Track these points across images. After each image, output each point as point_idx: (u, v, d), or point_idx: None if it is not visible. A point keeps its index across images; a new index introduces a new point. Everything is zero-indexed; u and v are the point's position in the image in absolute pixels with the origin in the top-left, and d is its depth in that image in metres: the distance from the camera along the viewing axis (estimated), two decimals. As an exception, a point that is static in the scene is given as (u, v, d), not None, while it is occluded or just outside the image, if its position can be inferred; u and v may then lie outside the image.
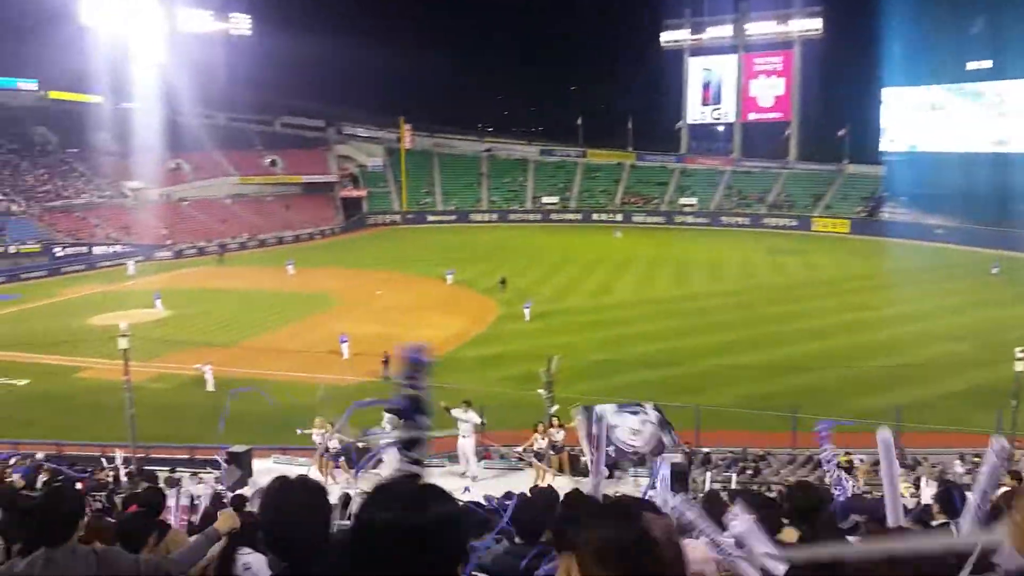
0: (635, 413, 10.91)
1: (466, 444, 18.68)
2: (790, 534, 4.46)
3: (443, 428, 16.98)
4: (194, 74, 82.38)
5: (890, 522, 3.76)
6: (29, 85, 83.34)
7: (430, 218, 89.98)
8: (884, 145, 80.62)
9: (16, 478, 13.41)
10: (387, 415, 18.14)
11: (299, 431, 21.17)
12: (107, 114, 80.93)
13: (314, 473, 19.41)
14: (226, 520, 5.13)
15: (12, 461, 18.48)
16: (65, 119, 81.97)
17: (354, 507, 10.44)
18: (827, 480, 9.52)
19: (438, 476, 18.02)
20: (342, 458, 19.58)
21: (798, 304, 43.10)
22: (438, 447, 21.74)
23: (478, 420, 19.14)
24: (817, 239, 73.42)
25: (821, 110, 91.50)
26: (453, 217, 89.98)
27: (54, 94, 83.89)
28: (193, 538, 4.90)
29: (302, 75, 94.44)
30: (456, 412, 18.51)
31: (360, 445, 19.47)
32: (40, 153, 78.29)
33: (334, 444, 19.51)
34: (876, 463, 19.48)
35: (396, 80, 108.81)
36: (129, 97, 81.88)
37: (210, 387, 29.95)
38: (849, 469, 19.65)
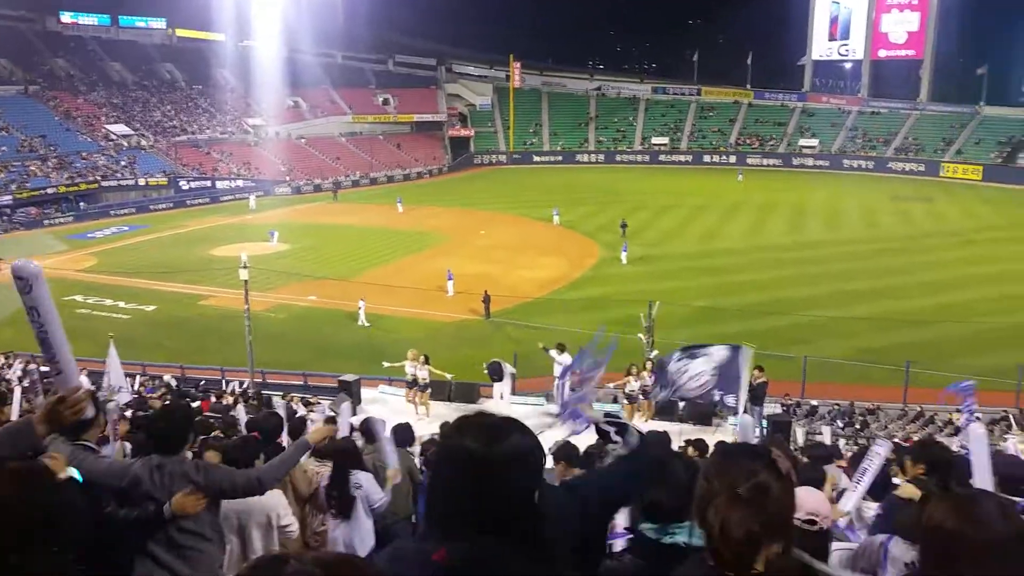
0: (695, 357, 10.90)
1: (561, 384, 19.00)
2: (909, 490, 4.28)
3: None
4: (311, 12, 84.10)
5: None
6: (158, 23, 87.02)
7: (536, 159, 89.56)
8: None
9: (154, 400, 14.50)
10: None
11: (385, 364, 21.97)
12: (229, 52, 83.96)
13: (403, 403, 20.28)
14: (319, 432, 5.47)
15: (139, 382, 19.95)
16: (191, 57, 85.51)
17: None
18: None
19: (528, 416, 18.36)
20: (428, 389, 20.34)
21: (920, 255, 40.88)
22: (536, 386, 22.12)
23: (567, 362, 19.41)
24: (945, 186, 68.98)
25: (957, 47, 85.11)
26: (559, 158, 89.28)
27: (181, 32, 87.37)
28: (285, 450, 5.22)
29: (414, 13, 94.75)
30: (552, 353, 19.04)
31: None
32: (167, 89, 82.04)
33: (424, 375, 20.21)
34: (992, 422, 18.60)
35: (506, 17, 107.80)
36: (250, 35, 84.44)
37: (362, 321, 30.72)
38: (958, 430, 18.84)
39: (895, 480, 4.70)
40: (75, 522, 3.60)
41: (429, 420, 18.47)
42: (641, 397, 18.84)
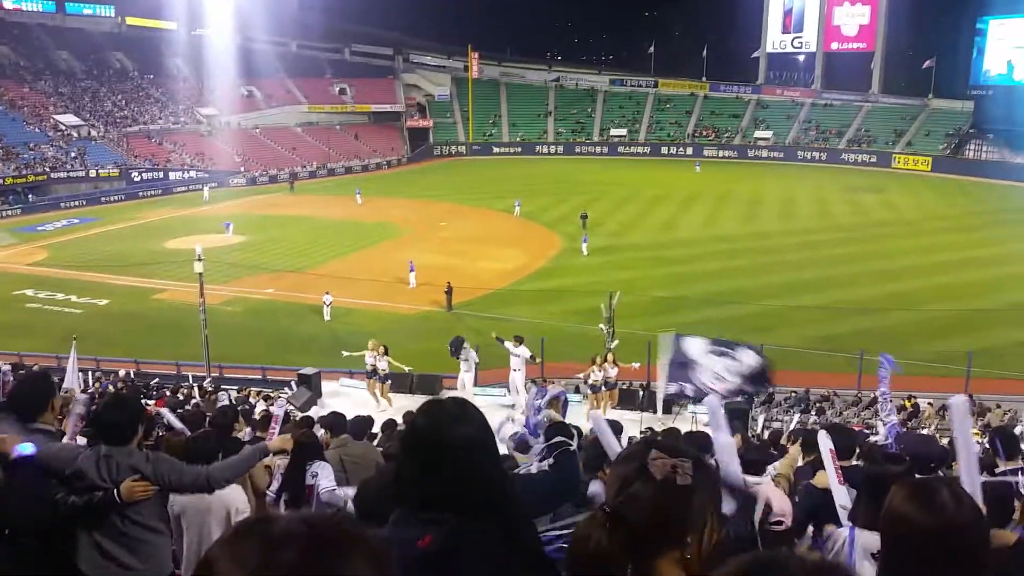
0: (723, 355, 9.94)
1: (516, 377, 19.20)
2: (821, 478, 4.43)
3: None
4: (265, 0, 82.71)
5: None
6: (106, 11, 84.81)
7: (495, 150, 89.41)
8: (975, 78, 76.21)
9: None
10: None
11: (345, 353, 21.84)
12: (181, 41, 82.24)
13: (366, 395, 20.19)
14: (281, 442, 5.41)
15: (92, 379, 19.55)
16: (141, 45, 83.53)
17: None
18: (881, 415, 9.36)
19: (488, 407, 18.41)
20: (388, 381, 20.28)
21: (872, 244, 41.80)
22: (493, 378, 22.15)
23: (528, 354, 19.57)
24: (897, 177, 70.56)
25: (907, 41, 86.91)
26: (518, 149, 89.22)
27: (131, 20, 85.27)
28: (243, 450, 5.20)
29: (371, 2, 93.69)
30: (508, 345, 19.12)
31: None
32: (118, 79, 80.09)
33: (383, 366, 20.15)
34: (943, 408, 19.09)
35: (464, 7, 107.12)
36: (202, 23, 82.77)
37: (327, 317, 30.00)
38: (915, 413, 19.34)
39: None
40: (25, 501, 3.53)
41: (392, 412, 18.37)
42: (603, 388, 19.02)
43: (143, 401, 11.47)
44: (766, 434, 16.27)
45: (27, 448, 4.03)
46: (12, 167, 59.48)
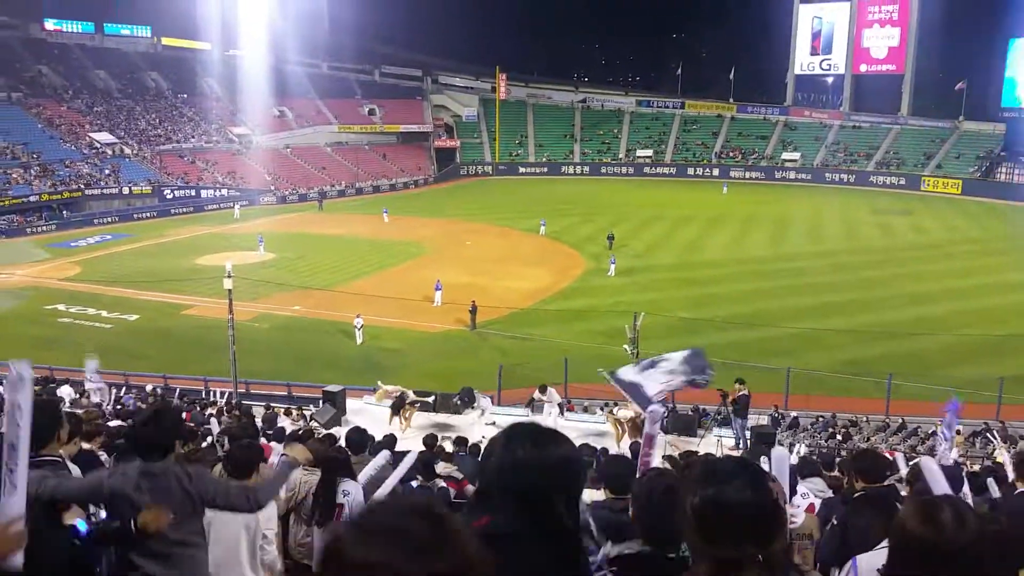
0: (654, 365, 10.75)
1: (551, 411, 19.05)
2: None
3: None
4: (297, 22, 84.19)
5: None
6: (143, 32, 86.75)
7: (521, 170, 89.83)
8: (1008, 100, 75.37)
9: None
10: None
11: (379, 384, 21.90)
12: (215, 61, 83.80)
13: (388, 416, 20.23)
14: (299, 451, 5.47)
15: (123, 391, 19.84)
16: (176, 65, 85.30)
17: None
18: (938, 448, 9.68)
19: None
20: (417, 404, 20.27)
21: (901, 268, 41.34)
22: (524, 397, 22.15)
23: (558, 400, 19.56)
24: (926, 199, 69.79)
25: (937, 63, 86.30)
26: (544, 169, 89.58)
27: (167, 40, 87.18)
28: (274, 469, 5.19)
29: (400, 24, 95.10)
30: (537, 395, 19.04)
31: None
32: (152, 98, 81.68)
33: (410, 395, 20.15)
34: (973, 434, 18.81)
35: (492, 29, 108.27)
36: (236, 44, 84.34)
37: (359, 340, 29.64)
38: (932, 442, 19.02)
39: None
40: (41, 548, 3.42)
41: (412, 432, 18.44)
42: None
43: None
44: (795, 459, 16.07)
45: (81, 525, 3.94)
46: (48, 183, 60.76)
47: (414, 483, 8.25)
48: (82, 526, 3.96)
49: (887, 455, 10.42)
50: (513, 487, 2.07)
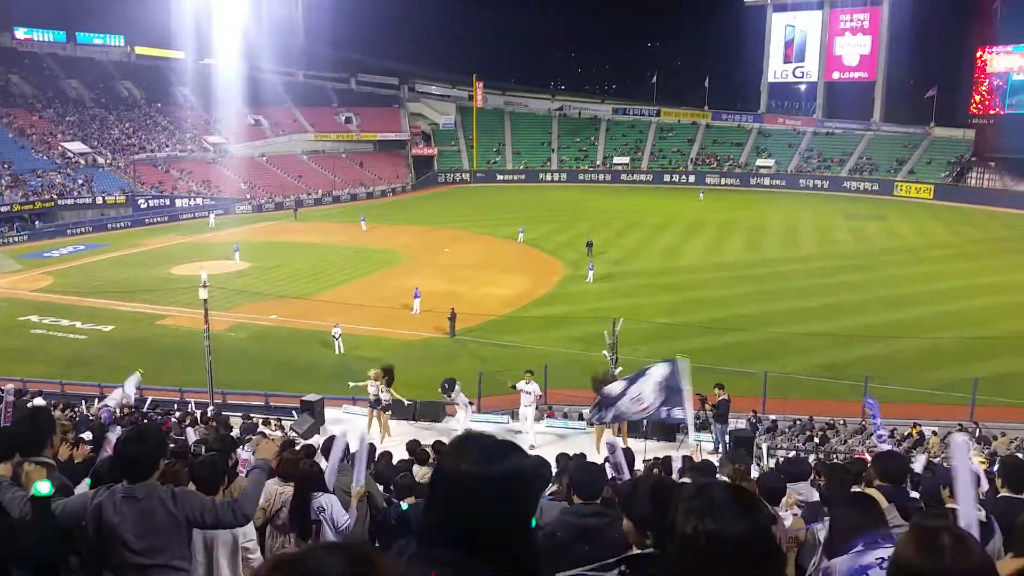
0: (635, 380, 11.30)
1: (527, 412, 19.08)
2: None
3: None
4: (272, 31, 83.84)
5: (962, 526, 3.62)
6: (116, 41, 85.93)
7: (499, 177, 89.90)
8: (975, 107, 76.59)
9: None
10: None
11: (351, 384, 21.79)
12: (189, 70, 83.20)
13: (366, 424, 20.09)
14: (266, 449, 5.36)
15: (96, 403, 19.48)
16: (150, 74, 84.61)
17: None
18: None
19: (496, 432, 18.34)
20: (389, 411, 20.11)
21: (875, 272, 41.83)
22: (504, 404, 22.13)
23: (539, 392, 19.56)
24: (899, 204, 70.73)
25: (908, 70, 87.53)
26: (522, 176, 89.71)
27: (140, 49, 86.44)
28: (248, 477, 5.07)
29: (376, 32, 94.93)
30: (520, 384, 19.07)
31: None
32: (126, 107, 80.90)
33: (386, 396, 20.02)
34: (949, 434, 19.01)
35: (468, 37, 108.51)
36: (210, 53, 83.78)
37: (339, 349, 29.40)
38: (921, 440, 19.27)
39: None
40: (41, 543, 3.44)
41: (390, 440, 18.32)
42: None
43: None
44: (771, 463, 16.17)
45: (43, 486, 3.85)
46: (20, 194, 59.90)
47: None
48: (40, 488, 3.86)
49: (868, 457, 10.53)
50: (462, 519, 1.85)
